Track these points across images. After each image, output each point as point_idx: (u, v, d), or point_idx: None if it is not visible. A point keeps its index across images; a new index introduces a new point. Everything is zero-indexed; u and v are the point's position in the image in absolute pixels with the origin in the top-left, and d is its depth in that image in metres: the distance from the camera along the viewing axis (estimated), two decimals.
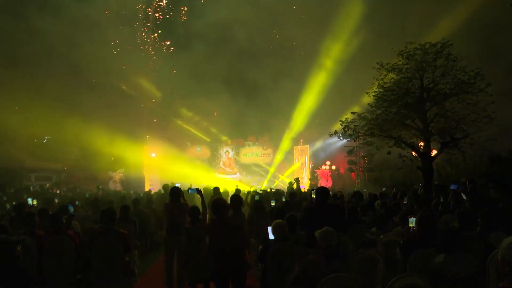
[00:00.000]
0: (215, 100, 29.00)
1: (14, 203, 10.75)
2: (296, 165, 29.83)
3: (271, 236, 5.51)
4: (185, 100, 29.93)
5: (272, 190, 16.35)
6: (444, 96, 12.25)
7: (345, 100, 20.86)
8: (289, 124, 29.06)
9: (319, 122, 26.90)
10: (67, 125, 24.36)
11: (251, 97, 28.31)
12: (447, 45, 12.01)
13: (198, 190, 7.56)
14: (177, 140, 30.38)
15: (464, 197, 8.20)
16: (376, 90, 13.07)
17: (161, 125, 31.14)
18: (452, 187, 8.40)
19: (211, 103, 29.58)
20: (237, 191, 13.37)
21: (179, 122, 31.00)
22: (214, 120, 31.67)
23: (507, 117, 12.62)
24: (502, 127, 12.86)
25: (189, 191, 8.09)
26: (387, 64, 12.86)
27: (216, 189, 11.86)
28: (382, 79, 12.98)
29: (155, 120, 31.23)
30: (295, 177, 21.30)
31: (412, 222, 5.46)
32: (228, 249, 5.23)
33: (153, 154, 29.81)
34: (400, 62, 12.64)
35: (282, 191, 15.90)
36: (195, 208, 6.45)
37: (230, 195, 9.61)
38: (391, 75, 12.88)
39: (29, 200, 10.92)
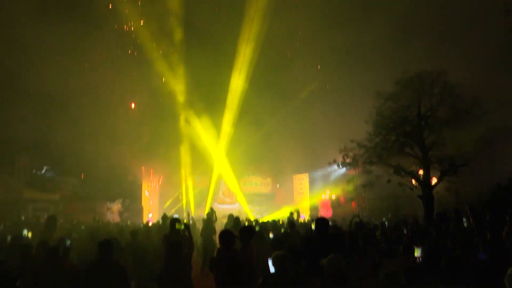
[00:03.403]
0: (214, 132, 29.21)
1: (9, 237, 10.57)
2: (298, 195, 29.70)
3: (271, 268, 5.38)
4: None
5: (270, 222, 16.16)
6: (442, 124, 12.31)
7: (345, 128, 20.96)
8: (287, 154, 29.07)
9: (318, 151, 26.93)
10: (66, 155, 24.40)
11: (250, 127, 28.42)
12: (443, 73, 12.17)
13: (185, 225, 7.34)
14: (177, 169, 30.28)
15: (465, 225, 8.11)
16: (374, 118, 13.15)
17: (160, 155, 31.10)
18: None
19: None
20: (249, 221, 13.25)
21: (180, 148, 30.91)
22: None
23: (505, 143, 12.65)
24: (502, 153, 12.88)
25: (176, 224, 7.63)
26: (385, 92, 12.99)
27: (231, 217, 11.63)
28: (380, 107, 13.08)
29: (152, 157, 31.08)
30: (295, 208, 21.12)
31: (417, 251, 5.37)
32: (234, 285, 4.82)
33: (152, 185, 29.72)
34: (398, 90, 12.77)
35: (283, 222, 15.71)
36: (177, 244, 6.09)
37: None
38: (389, 103, 12.99)
39: (24, 232, 10.76)
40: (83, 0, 27.31)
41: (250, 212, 27.56)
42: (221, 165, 30.22)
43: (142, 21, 28.85)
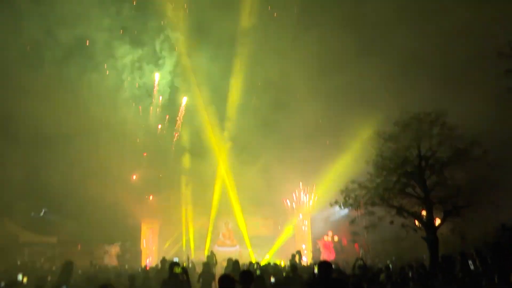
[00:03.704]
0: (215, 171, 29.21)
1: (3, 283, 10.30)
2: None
3: None
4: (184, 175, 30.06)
5: (271, 265, 15.80)
6: (443, 165, 12.30)
7: (345, 168, 20.93)
8: (288, 195, 28.91)
9: (320, 191, 26.77)
10: (64, 197, 24.22)
11: (250, 169, 28.43)
12: (441, 114, 12.28)
13: (183, 269, 7.23)
14: (177, 208, 29.95)
15: (472, 268, 7.90)
16: (375, 159, 13.14)
17: (160, 194, 30.88)
18: None
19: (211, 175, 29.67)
20: (251, 265, 12.98)
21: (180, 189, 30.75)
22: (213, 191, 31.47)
23: (508, 183, 12.56)
24: (505, 193, 12.74)
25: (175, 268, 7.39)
26: (384, 133, 13.06)
27: (230, 261, 11.38)
28: (380, 148, 13.10)
29: (151, 197, 30.86)
30: (296, 250, 20.70)
31: None
32: None
33: (151, 228, 29.30)
34: (397, 131, 12.84)
35: (285, 265, 15.38)
36: None
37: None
38: (389, 143, 13.03)
39: (19, 277, 10.49)
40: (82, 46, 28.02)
41: (252, 253, 27.10)
42: (221, 206, 29.97)
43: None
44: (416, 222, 12.89)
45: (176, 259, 10.79)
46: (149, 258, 27.42)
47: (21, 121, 24.26)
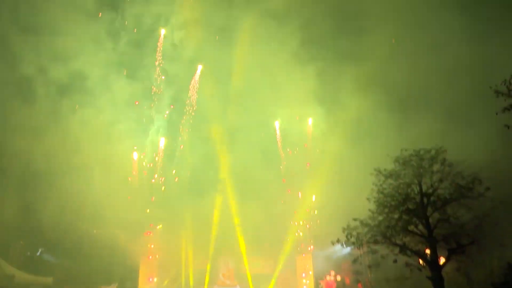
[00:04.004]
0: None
1: None
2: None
3: None
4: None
5: None
6: (445, 201, 12.20)
7: (347, 206, 20.70)
8: (290, 235, 28.55)
9: (322, 230, 26.38)
10: (62, 237, 23.88)
11: (252, 208, 28.21)
12: (441, 151, 12.31)
13: None
14: (175, 250, 29.37)
15: None
16: (376, 195, 13.03)
17: (158, 236, 30.38)
18: None
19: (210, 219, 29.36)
20: None
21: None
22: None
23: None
24: (509, 231, 12.53)
25: None
26: (385, 170, 13.02)
27: None
28: (381, 184, 13.02)
29: (152, 246, 30.24)
30: None
31: None
32: None
33: (151, 279, 28.70)
34: (397, 168, 12.82)
35: None
36: None
37: None
38: (389, 180, 12.96)
39: None
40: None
41: None
42: (220, 245, 29.48)
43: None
44: (420, 261, 12.62)
45: None
46: None
47: (14, 158, 24.22)
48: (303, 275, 28.67)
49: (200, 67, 30.38)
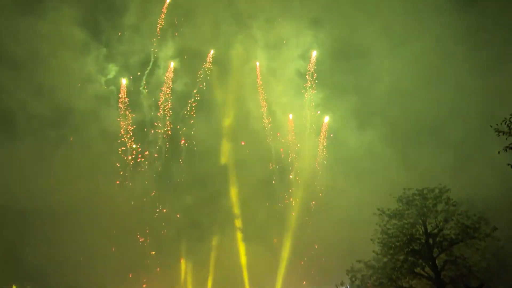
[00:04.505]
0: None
1: None
2: None
3: None
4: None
5: None
6: (451, 242, 11.95)
7: (350, 247, 20.24)
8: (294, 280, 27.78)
9: (324, 271, 25.65)
10: (49, 274, 23.26)
11: (254, 246, 27.73)
12: (445, 190, 12.22)
13: None
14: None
15: None
16: (380, 236, 12.79)
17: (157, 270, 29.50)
18: None
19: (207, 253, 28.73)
20: None
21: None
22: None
23: None
24: None
25: None
26: (388, 209, 12.86)
27: None
28: (384, 225, 12.83)
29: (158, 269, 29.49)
30: None
31: None
32: None
33: None
34: (401, 208, 12.68)
35: None
36: None
37: None
38: (393, 221, 12.77)
39: None
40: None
41: None
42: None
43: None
44: None
45: None
46: None
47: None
48: None
49: None
